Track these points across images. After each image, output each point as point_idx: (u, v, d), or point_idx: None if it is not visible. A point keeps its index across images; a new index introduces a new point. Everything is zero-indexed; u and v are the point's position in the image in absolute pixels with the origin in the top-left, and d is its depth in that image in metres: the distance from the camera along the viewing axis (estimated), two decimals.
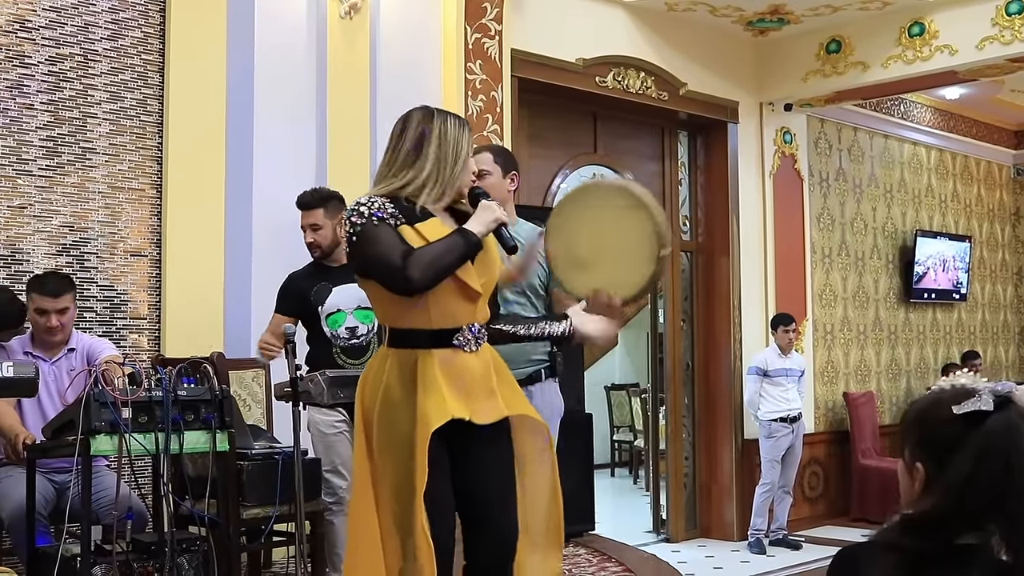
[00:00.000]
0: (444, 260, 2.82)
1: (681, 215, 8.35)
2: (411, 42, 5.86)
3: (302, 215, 4.62)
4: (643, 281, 3.16)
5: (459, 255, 2.85)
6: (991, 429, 1.67)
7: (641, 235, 3.13)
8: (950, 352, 10.62)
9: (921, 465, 1.73)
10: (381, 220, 2.84)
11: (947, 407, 1.72)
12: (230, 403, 3.82)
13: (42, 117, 4.86)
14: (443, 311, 2.86)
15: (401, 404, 2.81)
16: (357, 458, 2.91)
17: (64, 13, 4.94)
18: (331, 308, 4.40)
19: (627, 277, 3.17)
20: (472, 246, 2.88)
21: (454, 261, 2.84)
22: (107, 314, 5.01)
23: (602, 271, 3.20)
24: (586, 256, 3.23)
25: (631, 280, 3.17)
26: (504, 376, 2.99)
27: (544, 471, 3.01)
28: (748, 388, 7.98)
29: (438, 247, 2.82)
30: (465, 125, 3.01)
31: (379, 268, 2.84)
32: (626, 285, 3.17)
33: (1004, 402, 1.69)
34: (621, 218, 3.17)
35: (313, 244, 4.59)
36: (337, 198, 4.62)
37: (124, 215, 5.09)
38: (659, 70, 7.50)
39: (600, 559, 5.68)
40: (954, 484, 1.66)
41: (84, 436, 3.48)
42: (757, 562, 7.56)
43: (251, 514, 4.14)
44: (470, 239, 2.87)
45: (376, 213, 2.85)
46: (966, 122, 10.76)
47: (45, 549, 3.86)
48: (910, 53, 7.56)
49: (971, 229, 11.04)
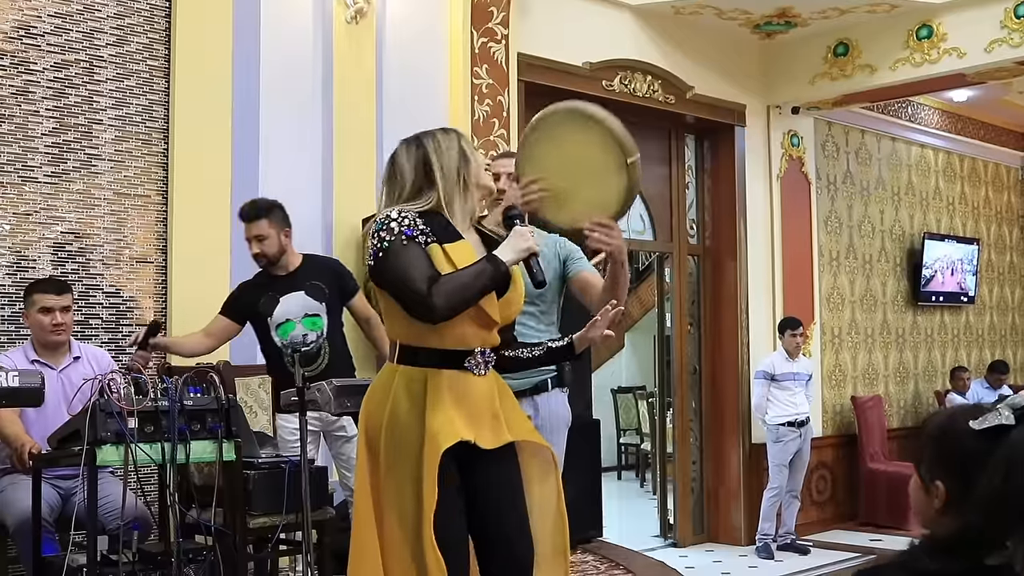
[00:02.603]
0: (470, 291, 2.75)
1: (688, 218, 8.33)
2: (417, 47, 5.84)
3: (246, 227, 4.73)
4: (620, 193, 3.14)
5: (486, 284, 2.78)
6: (1016, 442, 1.62)
7: (604, 149, 3.11)
8: (958, 355, 10.58)
9: (941, 483, 1.70)
10: (411, 239, 2.77)
11: (965, 423, 1.69)
12: (237, 412, 3.80)
13: (47, 123, 4.85)
14: (457, 334, 2.81)
15: (408, 422, 2.77)
16: (359, 476, 2.87)
17: (69, 19, 4.92)
18: (280, 318, 4.36)
19: (604, 195, 3.16)
20: (501, 276, 2.81)
21: (480, 291, 2.78)
22: (113, 321, 5.00)
23: (579, 198, 3.19)
24: (559, 189, 3.22)
25: (609, 197, 3.16)
26: (507, 399, 2.96)
27: (548, 492, 2.97)
28: (755, 392, 7.95)
29: (465, 276, 2.75)
30: (452, 132, 2.97)
31: (403, 291, 2.77)
32: (606, 203, 3.16)
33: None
34: (578, 140, 3.15)
35: (259, 255, 4.72)
36: (278, 206, 4.75)
37: (130, 221, 5.07)
38: (666, 73, 7.48)
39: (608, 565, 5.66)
40: (984, 501, 1.61)
41: (90, 446, 3.46)
42: (765, 567, 7.54)
43: (258, 523, 4.12)
44: (499, 268, 2.80)
45: (406, 231, 2.77)
46: (974, 124, 10.72)
47: (51, 559, 3.84)
48: (918, 56, 7.52)
49: (979, 232, 11.00)
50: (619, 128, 3.12)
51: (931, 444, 1.75)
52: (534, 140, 3.30)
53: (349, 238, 5.49)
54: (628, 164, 3.08)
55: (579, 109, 3.19)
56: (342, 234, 5.48)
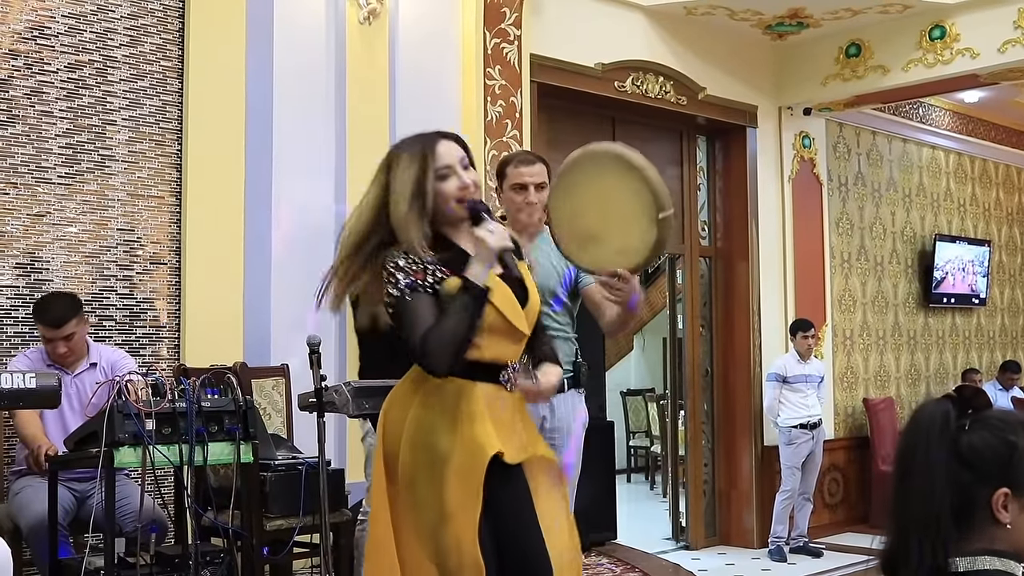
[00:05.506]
0: (460, 331, 2.66)
1: (700, 220, 8.30)
2: (430, 47, 5.82)
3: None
4: (648, 247, 3.08)
5: (472, 314, 2.67)
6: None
7: (638, 199, 3.05)
8: (969, 357, 10.54)
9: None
10: (412, 290, 2.68)
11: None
12: (254, 414, 3.79)
13: (61, 124, 4.83)
14: (494, 348, 2.77)
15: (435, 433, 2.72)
16: (375, 487, 2.81)
17: (83, 20, 4.91)
18: None
19: (630, 245, 3.09)
20: (480, 297, 2.69)
21: (472, 323, 2.68)
22: (127, 323, 4.98)
23: (606, 243, 3.13)
24: (588, 229, 3.15)
25: (634, 248, 3.09)
26: (525, 415, 2.93)
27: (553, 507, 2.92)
28: (767, 394, 7.92)
29: (449, 322, 2.65)
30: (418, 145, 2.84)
31: (407, 345, 2.70)
32: (630, 254, 3.10)
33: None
34: (615, 186, 3.08)
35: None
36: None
37: (143, 223, 5.05)
38: (678, 74, 7.45)
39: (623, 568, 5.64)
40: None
41: (108, 448, 3.44)
42: (778, 570, 7.50)
43: (274, 525, 4.10)
44: (475, 293, 2.69)
45: (408, 282, 2.69)
46: (985, 125, 10.68)
47: (67, 561, 3.83)
48: (931, 56, 7.49)
49: (990, 233, 10.97)
50: (657, 180, 3.06)
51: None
52: (572, 174, 3.22)
53: None
54: (660, 219, 3.03)
55: (622, 154, 3.12)
56: None
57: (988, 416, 1.70)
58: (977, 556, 1.64)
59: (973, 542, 1.65)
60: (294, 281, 5.17)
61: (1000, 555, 1.65)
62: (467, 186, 2.81)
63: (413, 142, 2.87)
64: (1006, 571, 1.64)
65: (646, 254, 3.10)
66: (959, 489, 1.64)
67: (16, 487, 4.24)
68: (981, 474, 1.65)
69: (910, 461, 1.67)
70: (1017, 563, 1.65)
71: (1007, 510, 1.64)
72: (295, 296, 5.16)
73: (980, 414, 1.70)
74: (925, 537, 1.62)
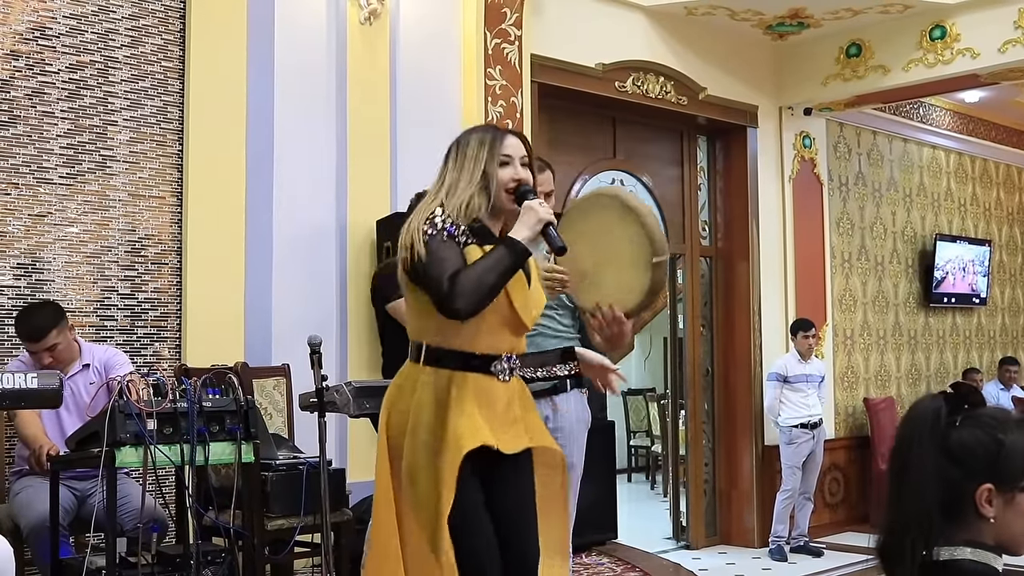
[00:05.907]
0: (489, 278, 2.72)
1: (700, 220, 8.31)
2: (431, 48, 5.83)
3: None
4: (642, 291, 3.13)
5: (506, 267, 2.74)
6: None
7: (634, 243, 3.10)
8: (970, 357, 10.55)
9: None
10: (451, 236, 2.76)
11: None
12: (255, 414, 3.79)
13: (62, 125, 4.84)
14: (488, 338, 2.80)
15: (432, 426, 2.75)
16: (379, 481, 2.83)
17: (84, 20, 4.91)
18: None
19: (627, 287, 3.14)
20: (519, 255, 2.77)
21: (502, 275, 2.74)
22: (128, 323, 4.99)
23: (603, 284, 3.19)
24: (588, 270, 3.21)
25: (631, 290, 3.14)
26: (528, 404, 2.95)
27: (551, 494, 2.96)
28: (768, 394, 7.93)
29: (481, 265, 2.72)
30: (489, 132, 2.94)
31: (430, 289, 2.75)
32: (627, 296, 3.15)
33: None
34: (613, 229, 3.15)
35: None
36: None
37: (145, 223, 5.06)
38: (678, 75, 7.46)
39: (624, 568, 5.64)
40: None
41: (109, 448, 3.45)
42: (778, 569, 7.51)
43: (276, 525, 4.11)
44: (516, 248, 2.76)
45: (448, 228, 2.77)
46: (985, 125, 10.68)
47: (68, 561, 3.83)
48: (931, 56, 7.50)
49: (991, 233, 10.97)
50: (654, 226, 3.12)
51: None
52: (574, 214, 3.31)
53: (363, 240, 5.47)
54: (654, 263, 3.07)
55: (622, 198, 3.19)
56: (356, 236, 5.46)
57: (981, 413, 1.73)
58: (956, 547, 1.68)
59: (959, 534, 1.69)
60: (295, 281, 5.19)
61: (980, 547, 1.68)
62: (522, 178, 2.88)
63: (485, 129, 2.99)
64: (980, 561, 1.67)
65: (639, 299, 3.16)
66: (948, 484, 1.68)
67: (17, 487, 4.24)
68: (968, 470, 1.68)
69: (903, 456, 1.70)
70: (998, 556, 1.68)
71: (991, 505, 1.68)
72: (296, 296, 5.18)
73: (973, 411, 1.73)
74: (918, 530, 1.65)
